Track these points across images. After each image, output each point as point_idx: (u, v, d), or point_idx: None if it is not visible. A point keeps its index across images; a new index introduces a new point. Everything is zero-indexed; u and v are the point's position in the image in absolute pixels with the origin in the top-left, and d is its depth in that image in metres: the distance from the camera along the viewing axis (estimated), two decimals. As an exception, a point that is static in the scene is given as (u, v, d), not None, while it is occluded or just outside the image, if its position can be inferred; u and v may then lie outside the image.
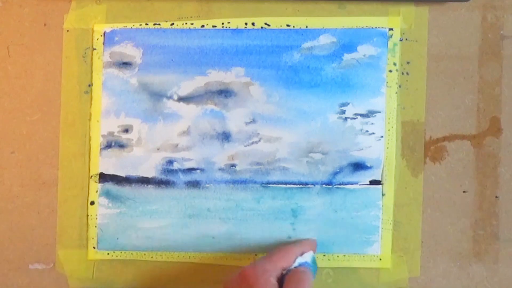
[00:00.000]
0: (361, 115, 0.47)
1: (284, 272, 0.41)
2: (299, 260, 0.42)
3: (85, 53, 0.47)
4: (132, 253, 0.47)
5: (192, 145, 0.47)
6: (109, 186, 0.47)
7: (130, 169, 0.47)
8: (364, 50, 0.47)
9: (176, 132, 0.47)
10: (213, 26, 0.47)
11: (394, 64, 0.47)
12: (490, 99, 0.47)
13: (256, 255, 0.47)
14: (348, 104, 0.47)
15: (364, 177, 0.47)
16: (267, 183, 0.47)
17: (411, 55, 0.47)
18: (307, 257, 0.43)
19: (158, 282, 0.47)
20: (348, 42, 0.47)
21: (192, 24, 0.47)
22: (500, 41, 0.47)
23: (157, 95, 0.47)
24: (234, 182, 0.47)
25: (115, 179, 0.47)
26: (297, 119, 0.47)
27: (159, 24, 0.47)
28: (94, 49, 0.47)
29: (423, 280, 0.47)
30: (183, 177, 0.47)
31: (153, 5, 0.48)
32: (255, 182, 0.47)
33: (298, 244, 0.44)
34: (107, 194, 0.47)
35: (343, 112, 0.47)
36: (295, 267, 0.41)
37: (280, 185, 0.47)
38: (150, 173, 0.47)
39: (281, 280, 0.40)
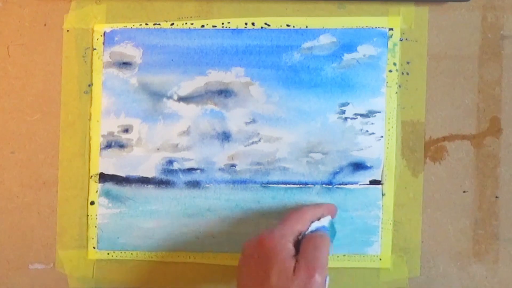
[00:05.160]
0: (361, 115, 0.47)
1: (300, 237, 0.40)
2: (316, 224, 0.41)
3: (85, 53, 0.47)
4: (132, 253, 0.47)
5: (192, 145, 0.47)
6: (109, 186, 0.47)
7: (130, 169, 0.47)
8: (364, 50, 0.47)
9: (176, 132, 0.47)
10: (213, 26, 0.47)
11: (394, 64, 0.47)
12: (490, 99, 0.47)
13: (256, 255, 0.47)
14: (348, 104, 0.47)
15: (364, 177, 0.47)
16: (267, 183, 0.47)
17: (411, 55, 0.47)
18: (324, 221, 0.42)
19: (158, 282, 0.47)
20: (348, 42, 0.47)
21: (192, 24, 0.47)
22: (500, 41, 0.47)
23: (157, 95, 0.47)
24: (234, 182, 0.47)
25: (115, 179, 0.47)
26: (297, 119, 0.47)
27: (159, 24, 0.47)
28: (94, 49, 0.47)
29: (423, 280, 0.47)
30: (183, 177, 0.47)
31: (153, 5, 0.48)
32: (255, 182, 0.47)
33: (313, 206, 0.43)
34: (107, 194, 0.47)
35: (343, 112, 0.47)
36: (312, 232, 0.41)
37: (280, 185, 0.47)
38: (150, 173, 0.47)
39: (298, 244, 0.40)
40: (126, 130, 0.47)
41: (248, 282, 0.39)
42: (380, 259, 0.47)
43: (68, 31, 0.48)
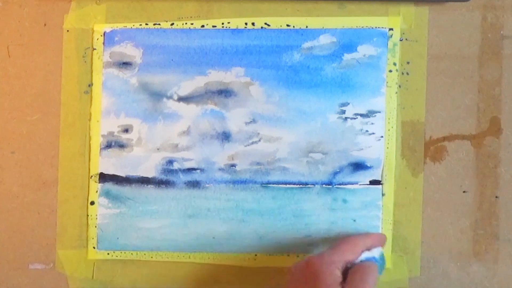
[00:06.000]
0: (361, 115, 0.47)
1: (349, 265, 0.40)
2: (366, 254, 0.42)
3: (85, 53, 0.47)
4: (132, 253, 0.47)
5: (192, 145, 0.47)
6: (109, 186, 0.47)
7: (130, 169, 0.47)
8: (364, 50, 0.47)
9: (176, 132, 0.47)
10: (213, 26, 0.47)
11: (394, 64, 0.47)
12: (490, 99, 0.47)
13: (256, 255, 0.47)
14: (348, 104, 0.47)
15: (364, 177, 0.47)
16: (267, 183, 0.47)
17: (411, 55, 0.47)
18: (375, 252, 0.42)
19: (158, 282, 0.47)
20: (348, 42, 0.47)
21: (192, 24, 0.47)
22: (500, 41, 0.47)
23: (157, 95, 0.47)
24: (234, 182, 0.47)
25: (115, 179, 0.47)
26: (297, 119, 0.47)
27: (159, 24, 0.47)
28: (94, 49, 0.47)
29: (423, 280, 0.47)
30: (183, 177, 0.47)
31: (153, 5, 0.48)
32: (255, 182, 0.47)
33: (365, 236, 0.44)
34: (107, 194, 0.47)
35: (343, 112, 0.47)
36: (361, 261, 0.41)
37: (280, 185, 0.47)
38: (150, 173, 0.47)
39: (346, 272, 0.40)
40: (126, 130, 0.47)
41: None
42: (380, 259, 0.47)
43: (68, 31, 0.48)
